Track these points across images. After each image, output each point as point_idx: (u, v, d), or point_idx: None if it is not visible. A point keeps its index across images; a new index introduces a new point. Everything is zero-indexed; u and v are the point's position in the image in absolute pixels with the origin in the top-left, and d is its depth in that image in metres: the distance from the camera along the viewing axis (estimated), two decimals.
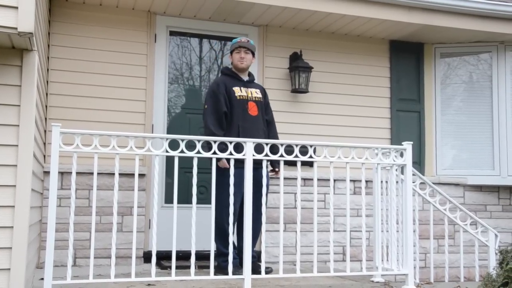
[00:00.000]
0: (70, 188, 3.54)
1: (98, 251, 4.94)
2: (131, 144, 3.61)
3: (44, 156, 5.01)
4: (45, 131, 4.98)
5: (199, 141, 3.75)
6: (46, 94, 5.09)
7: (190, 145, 3.72)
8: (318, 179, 4.71)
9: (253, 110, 4.65)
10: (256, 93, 4.72)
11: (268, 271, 4.25)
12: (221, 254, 4.43)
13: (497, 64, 6.35)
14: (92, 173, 4.15)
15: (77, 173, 4.12)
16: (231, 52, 4.77)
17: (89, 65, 5.27)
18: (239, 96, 4.63)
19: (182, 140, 3.73)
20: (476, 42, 6.35)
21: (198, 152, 3.72)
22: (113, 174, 3.67)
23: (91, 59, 5.28)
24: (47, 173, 4.74)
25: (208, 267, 3.76)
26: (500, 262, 3.03)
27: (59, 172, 4.76)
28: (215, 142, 3.78)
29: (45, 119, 5.05)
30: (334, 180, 5.55)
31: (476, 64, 6.50)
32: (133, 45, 5.43)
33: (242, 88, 4.67)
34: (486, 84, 6.41)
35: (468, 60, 6.51)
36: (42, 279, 3.32)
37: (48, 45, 5.14)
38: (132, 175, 4.74)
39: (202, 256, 4.65)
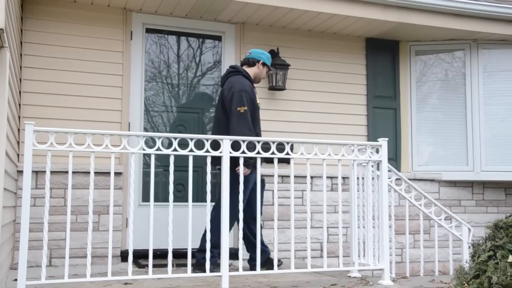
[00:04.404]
0: (45, 187, 3.49)
1: (75, 250, 4.89)
2: (106, 142, 3.58)
3: (18, 155, 4.93)
4: (18, 129, 4.90)
5: (175, 138, 3.74)
6: (20, 92, 5.01)
7: (170, 144, 3.71)
8: (296, 176, 4.74)
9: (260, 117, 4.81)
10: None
11: (279, 264, 4.48)
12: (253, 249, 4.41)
13: (470, 61, 6.46)
14: (67, 172, 4.10)
15: (52, 172, 4.08)
16: (263, 64, 4.87)
17: (63, 62, 5.20)
18: (258, 103, 4.76)
19: (159, 138, 3.72)
20: (450, 40, 6.45)
21: (175, 150, 3.71)
22: (89, 172, 3.63)
23: (65, 56, 5.22)
24: (21, 172, 4.67)
25: (186, 265, 3.74)
26: (472, 255, 3.09)
27: (33, 171, 4.75)
28: (191, 139, 3.77)
29: (19, 117, 4.97)
30: (312, 177, 5.62)
31: (451, 62, 6.61)
32: (108, 43, 5.38)
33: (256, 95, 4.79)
34: (460, 81, 6.52)
35: (444, 58, 6.60)
36: (16, 280, 3.27)
37: (21, 42, 5.06)
38: (109, 173, 4.68)
39: (180, 254, 4.64)
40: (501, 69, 6.55)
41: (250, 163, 4.33)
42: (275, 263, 3.93)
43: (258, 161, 3.96)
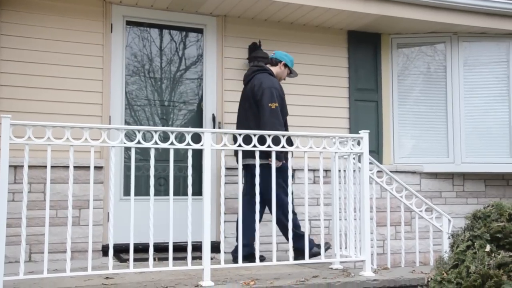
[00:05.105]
0: (23, 181, 3.45)
1: (55, 245, 4.84)
2: (86, 135, 3.54)
3: None
4: None
5: (156, 132, 3.72)
6: None
7: (164, 137, 3.68)
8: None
9: None
10: None
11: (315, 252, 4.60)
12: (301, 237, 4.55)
13: (451, 54, 6.51)
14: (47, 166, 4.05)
15: (32, 166, 4.05)
16: (284, 65, 5.15)
17: (42, 55, 5.13)
18: None
19: (139, 131, 3.69)
20: (431, 33, 6.49)
21: (156, 143, 3.69)
22: (69, 166, 3.59)
23: (44, 49, 5.14)
24: None
25: (168, 259, 3.73)
26: (452, 246, 3.13)
27: (12, 166, 4.68)
28: (172, 132, 3.75)
29: None
30: (294, 170, 5.62)
31: (432, 55, 6.65)
32: (88, 35, 5.31)
33: None
34: (442, 74, 6.57)
35: (426, 52, 6.65)
36: None
37: None
38: (90, 167, 4.65)
39: (163, 248, 4.61)
40: (481, 62, 6.62)
41: (281, 156, 4.64)
42: (257, 256, 3.93)
43: (240, 154, 3.95)
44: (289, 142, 4.22)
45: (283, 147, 3.98)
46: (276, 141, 4.00)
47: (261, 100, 4.80)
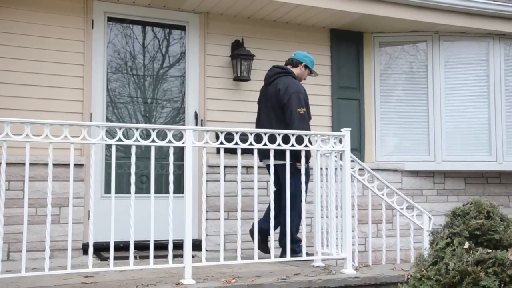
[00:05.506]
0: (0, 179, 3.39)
1: (35, 244, 4.78)
2: (65, 132, 3.50)
3: None
4: None
5: (137, 129, 3.69)
6: None
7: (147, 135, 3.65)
8: (260, 167, 4.75)
9: None
10: None
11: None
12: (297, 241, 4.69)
13: (432, 53, 6.57)
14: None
15: (11, 163, 3.99)
16: (305, 67, 5.22)
17: (21, 51, 5.05)
18: None
19: (120, 128, 3.66)
20: (413, 32, 6.54)
21: (136, 140, 3.66)
22: (48, 164, 3.55)
23: (23, 45, 5.07)
24: None
25: (149, 257, 3.70)
26: (431, 243, 3.15)
27: None
28: (153, 130, 3.72)
29: None
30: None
31: (415, 54, 6.70)
32: (69, 31, 5.25)
33: None
34: (423, 73, 6.62)
35: (408, 51, 6.69)
36: None
37: None
38: (70, 165, 4.60)
39: (144, 246, 4.58)
40: (462, 61, 6.69)
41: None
42: (239, 254, 3.93)
43: (222, 151, 3.94)
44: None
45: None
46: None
47: (289, 105, 4.83)
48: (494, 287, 2.70)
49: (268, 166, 4.72)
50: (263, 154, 4.47)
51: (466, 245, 2.93)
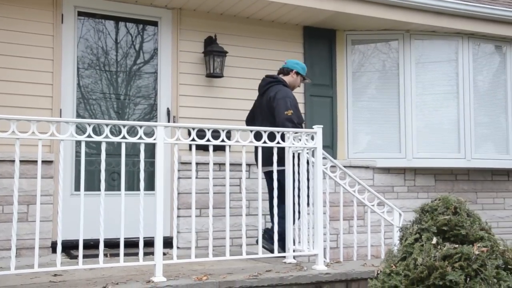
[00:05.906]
0: None
1: (2, 242, 4.69)
2: (33, 128, 3.43)
3: None
4: None
5: (107, 125, 3.64)
6: None
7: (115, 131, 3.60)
8: (233, 164, 4.74)
9: None
10: None
11: None
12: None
13: (403, 51, 6.65)
14: None
15: None
16: (296, 73, 5.24)
17: None
18: None
19: (90, 124, 3.61)
20: (385, 30, 6.61)
21: (107, 137, 3.61)
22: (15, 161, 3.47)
23: None
24: None
25: (119, 255, 3.66)
26: (401, 239, 3.20)
27: None
28: (124, 126, 3.68)
29: None
30: (249, 165, 5.62)
31: (387, 53, 6.78)
32: (37, 25, 5.15)
33: None
34: (395, 71, 6.70)
35: (381, 49, 6.76)
36: None
37: None
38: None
39: (115, 244, 4.51)
40: (433, 60, 6.79)
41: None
42: (210, 251, 3.92)
43: (193, 148, 3.92)
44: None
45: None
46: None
47: (276, 108, 4.89)
48: (460, 281, 2.76)
49: (267, 173, 4.75)
50: (266, 161, 4.45)
51: (434, 240, 2.98)
